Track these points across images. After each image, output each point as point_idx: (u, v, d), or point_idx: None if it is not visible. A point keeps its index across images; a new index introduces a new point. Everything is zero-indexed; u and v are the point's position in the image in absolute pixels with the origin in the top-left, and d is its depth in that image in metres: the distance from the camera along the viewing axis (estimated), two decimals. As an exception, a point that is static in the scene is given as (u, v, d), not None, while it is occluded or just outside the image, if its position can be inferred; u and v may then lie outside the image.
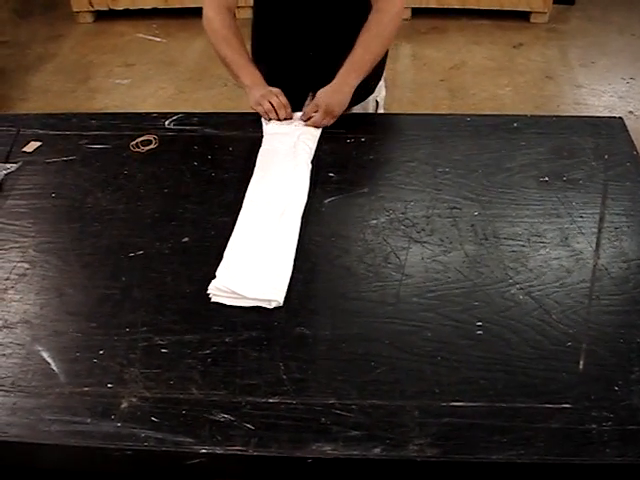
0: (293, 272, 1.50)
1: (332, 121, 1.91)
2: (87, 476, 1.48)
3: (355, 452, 1.18)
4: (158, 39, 4.66)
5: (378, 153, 1.85)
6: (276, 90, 1.93)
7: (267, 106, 1.91)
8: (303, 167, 1.77)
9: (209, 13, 2.00)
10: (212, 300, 1.45)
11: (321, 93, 1.91)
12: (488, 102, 3.91)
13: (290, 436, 1.20)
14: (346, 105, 1.91)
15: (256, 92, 1.93)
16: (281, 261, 1.52)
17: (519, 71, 4.20)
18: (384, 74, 2.21)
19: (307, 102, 1.96)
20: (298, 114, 1.94)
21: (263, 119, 1.94)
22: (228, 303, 1.45)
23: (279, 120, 1.92)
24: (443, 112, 3.73)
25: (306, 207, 1.66)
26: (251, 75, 1.97)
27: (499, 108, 3.83)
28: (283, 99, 1.92)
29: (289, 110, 1.93)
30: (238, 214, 1.64)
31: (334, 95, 1.90)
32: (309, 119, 1.92)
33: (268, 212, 1.64)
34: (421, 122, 1.97)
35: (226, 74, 2.01)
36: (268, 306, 1.43)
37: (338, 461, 1.18)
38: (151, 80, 4.24)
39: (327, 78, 1.91)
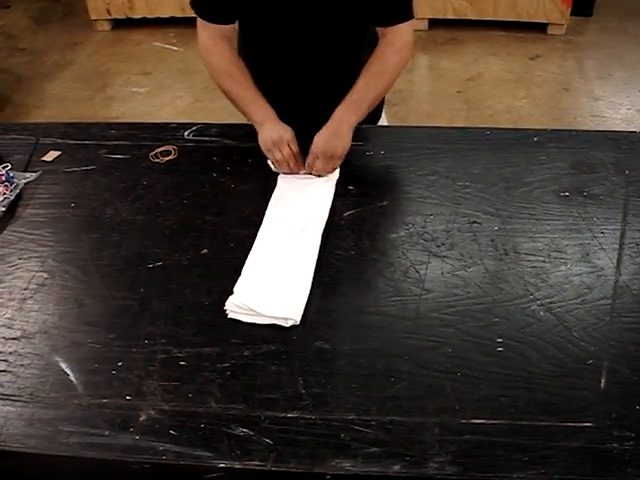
0: (312, 286, 1.49)
1: (338, 162, 1.78)
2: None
3: (374, 469, 1.17)
4: (175, 48, 4.68)
5: (397, 166, 1.85)
6: (288, 136, 1.77)
7: (278, 156, 1.77)
8: (328, 183, 1.76)
9: (206, 44, 1.87)
10: (229, 316, 1.45)
11: (318, 139, 1.76)
12: (505, 114, 3.90)
13: (309, 451, 1.20)
14: (348, 145, 1.77)
15: (266, 131, 1.79)
16: (299, 279, 1.51)
17: (536, 83, 4.19)
18: (384, 105, 2.18)
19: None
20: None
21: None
22: (245, 320, 1.44)
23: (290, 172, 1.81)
24: (459, 124, 3.73)
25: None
26: (260, 110, 1.83)
27: (516, 120, 3.82)
28: (295, 147, 1.78)
29: (300, 160, 1.80)
30: (257, 226, 1.64)
31: (332, 139, 1.76)
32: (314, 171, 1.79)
33: (288, 228, 1.63)
34: (440, 135, 1.96)
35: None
36: (285, 324, 1.42)
37: (357, 478, 1.17)
38: (168, 89, 4.25)
39: (325, 111, 1.81)
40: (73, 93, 4.26)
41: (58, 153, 1.94)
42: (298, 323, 1.43)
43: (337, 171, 1.79)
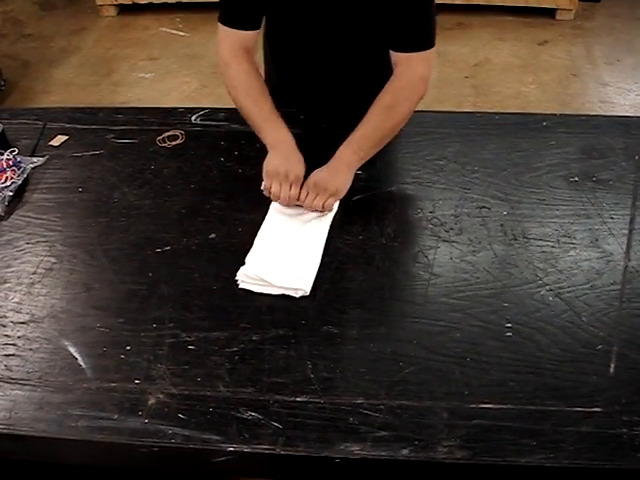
0: (321, 270, 1.49)
1: (331, 200, 1.60)
2: (113, 472, 1.49)
3: (383, 453, 1.17)
4: (181, 33, 4.66)
5: (405, 151, 1.83)
6: (294, 176, 1.59)
7: (275, 189, 1.60)
8: (323, 218, 1.66)
9: (225, 56, 1.76)
10: (240, 286, 1.46)
11: (312, 175, 1.62)
12: (512, 100, 3.88)
13: (318, 435, 1.20)
14: (343, 185, 1.61)
15: (276, 160, 1.62)
16: (310, 252, 1.53)
17: (544, 68, 4.16)
18: None
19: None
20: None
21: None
22: (256, 290, 1.46)
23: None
24: (467, 109, 3.71)
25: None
26: (274, 130, 1.68)
27: (524, 106, 3.80)
28: (295, 190, 1.59)
29: (292, 201, 1.62)
30: (265, 211, 1.63)
31: (326, 177, 1.60)
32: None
33: (298, 210, 1.64)
34: (449, 120, 1.95)
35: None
36: (295, 295, 1.44)
37: (366, 461, 1.17)
38: (174, 74, 4.24)
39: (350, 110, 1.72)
40: (79, 79, 4.25)
41: (65, 138, 1.94)
42: (308, 294, 1.44)
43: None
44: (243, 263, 1.50)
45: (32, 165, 1.82)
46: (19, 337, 1.39)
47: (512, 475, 1.19)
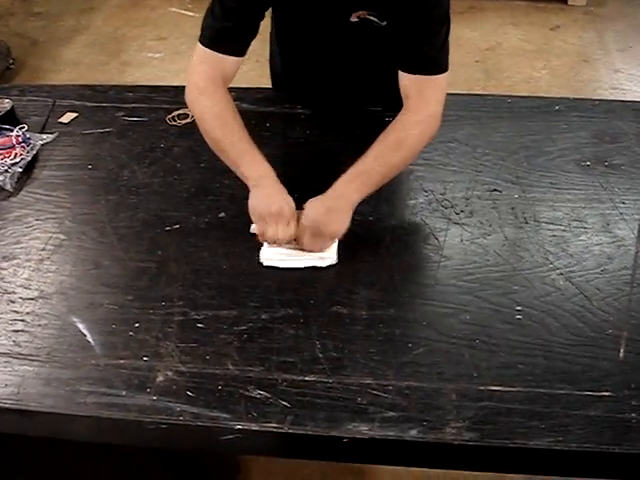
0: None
1: (329, 242, 1.48)
2: (121, 448, 1.49)
3: (391, 433, 1.17)
4: (191, 13, 4.64)
5: (416, 133, 1.83)
6: (288, 212, 1.45)
7: (271, 233, 1.45)
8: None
9: (199, 82, 1.59)
10: (264, 265, 1.46)
11: (308, 211, 1.47)
12: (523, 84, 3.86)
13: (326, 415, 1.20)
14: (343, 224, 1.47)
15: (263, 197, 1.49)
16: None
17: (555, 54, 4.14)
18: None
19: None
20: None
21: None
22: (281, 265, 1.46)
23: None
24: (478, 93, 3.69)
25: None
26: (256, 164, 1.53)
27: (534, 91, 3.78)
28: (293, 226, 1.46)
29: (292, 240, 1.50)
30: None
31: (324, 216, 1.45)
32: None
33: None
34: (461, 103, 1.94)
35: (259, 49, 1.87)
36: (322, 264, 1.45)
37: (374, 441, 1.17)
38: (183, 54, 4.21)
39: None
40: (88, 58, 4.25)
41: (75, 115, 1.93)
42: (335, 263, 1.45)
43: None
44: (252, 242, 1.50)
45: (41, 142, 1.82)
46: (28, 313, 1.39)
47: (520, 457, 1.18)
